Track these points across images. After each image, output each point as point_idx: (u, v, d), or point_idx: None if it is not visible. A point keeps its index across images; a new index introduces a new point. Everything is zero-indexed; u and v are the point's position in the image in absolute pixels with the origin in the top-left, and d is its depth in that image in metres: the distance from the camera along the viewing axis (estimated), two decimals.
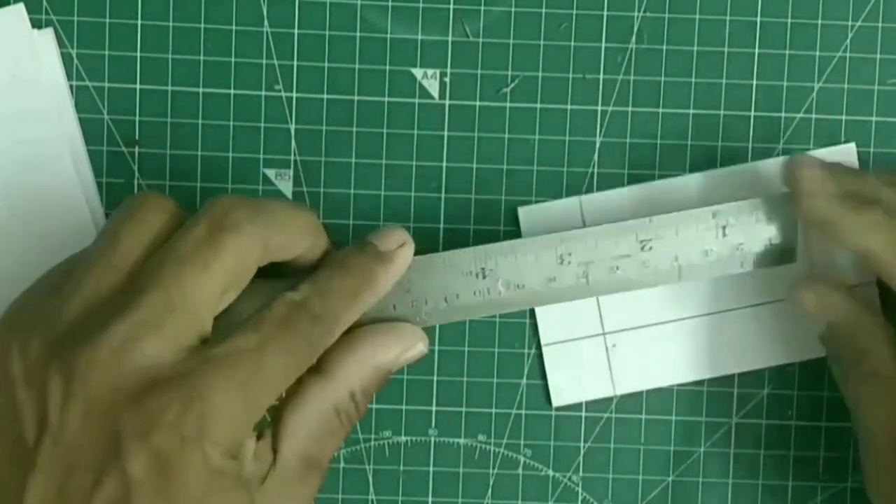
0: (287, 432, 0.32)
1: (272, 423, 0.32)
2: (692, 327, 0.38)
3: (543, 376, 0.39)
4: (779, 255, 0.36)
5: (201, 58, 0.38)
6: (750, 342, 0.38)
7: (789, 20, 0.38)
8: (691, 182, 0.38)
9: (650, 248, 0.35)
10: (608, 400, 0.39)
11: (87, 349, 0.29)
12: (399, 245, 0.34)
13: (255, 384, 0.30)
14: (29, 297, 0.32)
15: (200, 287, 0.30)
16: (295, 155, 0.38)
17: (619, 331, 0.38)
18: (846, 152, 0.38)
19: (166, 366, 0.29)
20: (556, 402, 0.39)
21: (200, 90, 0.38)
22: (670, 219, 0.35)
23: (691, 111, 0.38)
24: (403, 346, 0.34)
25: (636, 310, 0.38)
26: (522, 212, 0.38)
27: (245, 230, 0.31)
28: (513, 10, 0.38)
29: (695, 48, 0.38)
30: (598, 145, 0.38)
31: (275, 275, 0.33)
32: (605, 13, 0.38)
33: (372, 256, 0.34)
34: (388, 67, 0.38)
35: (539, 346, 0.39)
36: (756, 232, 0.36)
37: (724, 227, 0.35)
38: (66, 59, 0.37)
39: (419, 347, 0.35)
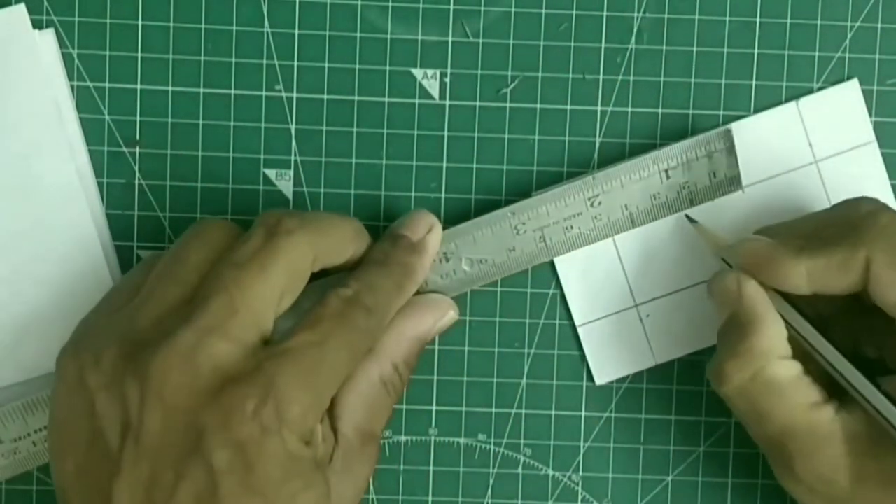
0: (343, 410, 0.34)
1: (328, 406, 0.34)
2: None
3: (543, 376, 0.39)
4: (724, 186, 0.37)
5: (202, 58, 0.38)
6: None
7: (789, 20, 0.38)
8: None
9: (599, 202, 0.36)
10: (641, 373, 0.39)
11: (159, 355, 0.30)
12: (428, 230, 0.36)
13: (321, 374, 0.32)
14: (95, 315, 0.34)
15: (260, 289, 0.32)
16: (295, 155, 0.38)
17: (649, 301, 0.38)
18: (849, 88, 0.38)
19: (236, 364, 0.31)
20: (599, 381, 0.39)
21: (201, 90, 0.38)
22: (613, 172, 0.36)
23: (691, 111, 0.38)
24: (437, 316, 0.36)
25: (663, 278, 0.38)
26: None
27: (297, 235, 0.33)
28: (513, 10, 0.38)
29: (694, 48, 0.38)
30: (597, 145, 0.38)
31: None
32: (604, 13, 0.38)
33: (405, 250, 0.35)
34: (388, 68, 0.38)
35: (538, 347, 0.39)
36: (697, 169, 0.36)
37: (666, 171, 0.36)
38: (67, 60, 0.37)
39: (451, 315, 0.37)
